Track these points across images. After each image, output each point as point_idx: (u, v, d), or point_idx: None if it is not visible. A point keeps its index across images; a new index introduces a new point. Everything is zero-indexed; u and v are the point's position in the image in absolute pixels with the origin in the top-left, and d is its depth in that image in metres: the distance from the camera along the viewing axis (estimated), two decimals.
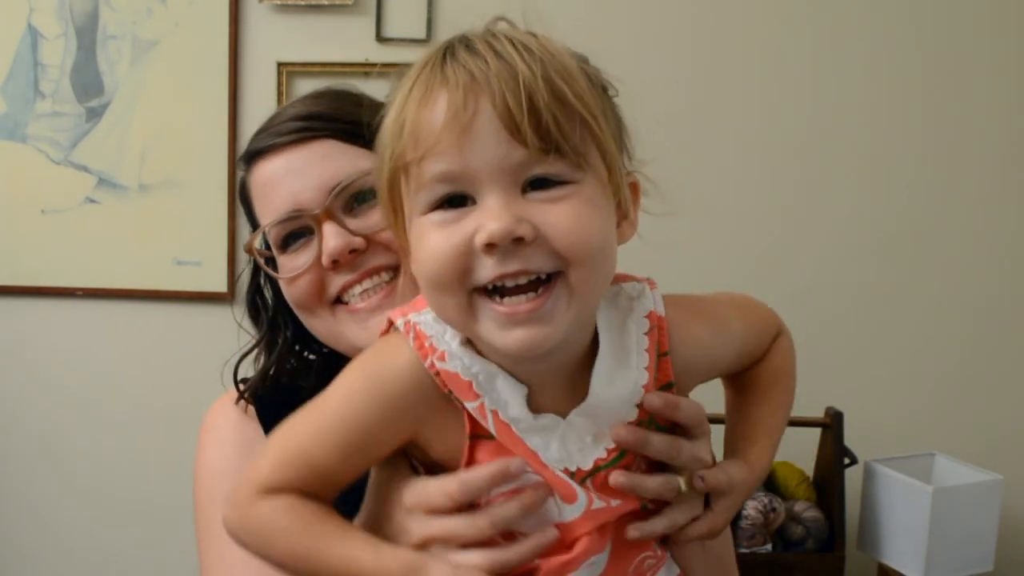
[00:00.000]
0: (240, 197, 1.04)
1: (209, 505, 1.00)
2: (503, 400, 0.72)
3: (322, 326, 0.99)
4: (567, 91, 0.67)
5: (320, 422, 0.75)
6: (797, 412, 2.17)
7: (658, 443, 0.76)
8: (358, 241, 0.94)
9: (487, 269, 0.67)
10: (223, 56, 2.23)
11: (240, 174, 1.03)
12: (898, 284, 2.23)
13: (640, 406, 0.75)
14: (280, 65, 2.21)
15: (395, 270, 0.95)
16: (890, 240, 2.22)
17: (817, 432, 2.04)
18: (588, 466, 0.74)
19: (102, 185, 2.28)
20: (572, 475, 0.73)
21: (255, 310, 1.09)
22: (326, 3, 2.19)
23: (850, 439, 1.99)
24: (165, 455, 2.33)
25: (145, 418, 2.34)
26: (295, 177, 0.95)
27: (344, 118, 0.96)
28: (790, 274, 2.23)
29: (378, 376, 0.74)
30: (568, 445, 0.74)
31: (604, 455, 0.74)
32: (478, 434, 0.74)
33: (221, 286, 2.28)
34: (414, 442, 0.76)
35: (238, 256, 2.29)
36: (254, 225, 1.02)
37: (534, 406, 0.73)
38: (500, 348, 0.69)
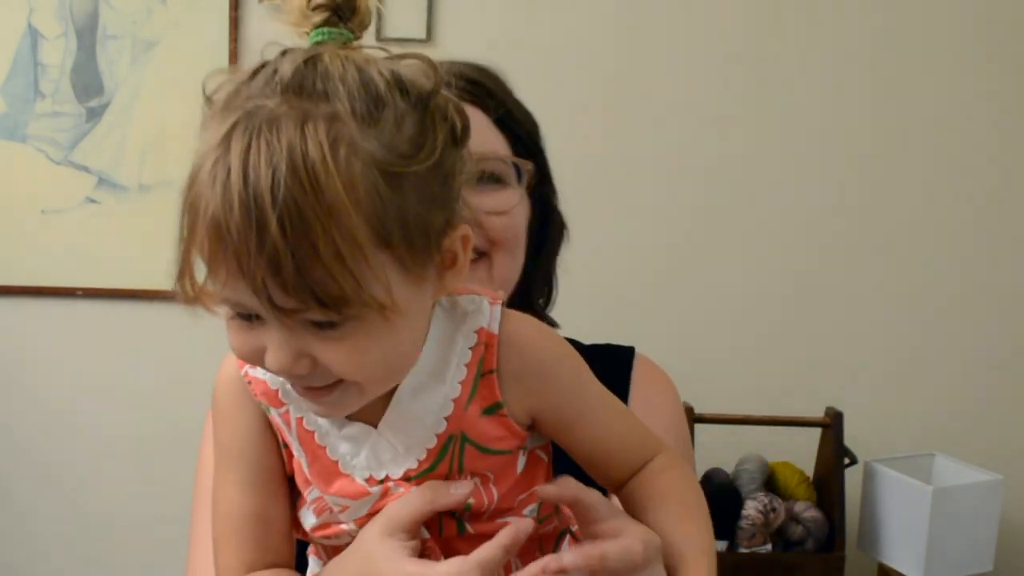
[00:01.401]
0: None
1: (207, 466, 1.00)
2: (308, 408, 0.73)
3: None
4: (321, 249, 0.60)
5: (219, 470, 0.79)
6: (797, 412, 2.19)
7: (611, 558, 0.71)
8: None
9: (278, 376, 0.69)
10: (223, 56, 2.23)
11: None
12: (898, 284, 2.23)
13: (449, 419, 0.73)
14: None
15: (480, 256, 0.95)
16: (891, 240, 2.22)
17: (817, 432, 2.04)
18: (398, 475, 0.74)
19: (102, 185, 2.28)
20: (380, 482, 0.74)
21: None
22: None
23: (850, 439, 1.99)
24: (165, 455, 2.33)
25: (145, 418, 2.34)
26: None
27: (499, 98, 0.97)
28: (790, 274, 2.23)
29: (217, 396, 0.79)
30: (380, 455, 0.73)
31: (415, 465, 0.74)
32: (288, 444, 0.76)
33: None
34: None
35: None
36: None
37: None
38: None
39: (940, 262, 2.22)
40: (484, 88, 0.97)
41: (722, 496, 1.95)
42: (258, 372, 0.75)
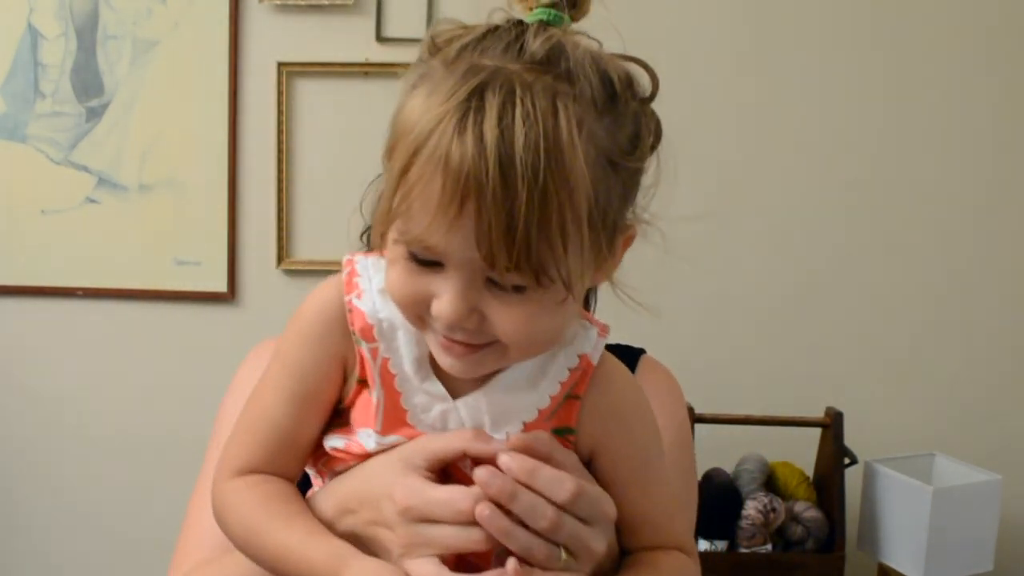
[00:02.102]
0: None
1: (223, 419, 1.02)
2: (399, 352, 0.74)
3: None
4: (553, 220, 0.63)
5: (272, 375, 0.78)
6: (797, 412, 2.19)
7: (542, 483, 0.70)
8: None
9: (437, 324, 0.69)
10: (223, 56, 2.23)
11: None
12: (899, 284, 2.23)
13: (527, 425, 0.74)
14: (280, 65, 2.21)
15: None
16: (891, 240, 2.22)
17: (817, 432, 2.04)
18: None
19: (102, 185, 2.28)
20: None
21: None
22: (326, 3, 2.19)
23: (850, 439, 1.99)
24: (165, 454, 2.33)
25: (145, 417, 2.34)
26: None
27: None
28: (791, 274, 2.23)
29: (306, 312, 0.78)
30: (448, 423, 0.74)
31: None
32: (366, 380, 0.76)
33: (221, 286, 2.28)
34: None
35: (238, 256, 2.29)
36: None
37: (429, 371, 0.75)
38: (436, 359, 0.73)
39: (940, 262, 2.22)
40: None
41: (722, 496, 1.95)
42: (362, 303, 0.75)
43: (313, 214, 2.25)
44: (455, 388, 0.75)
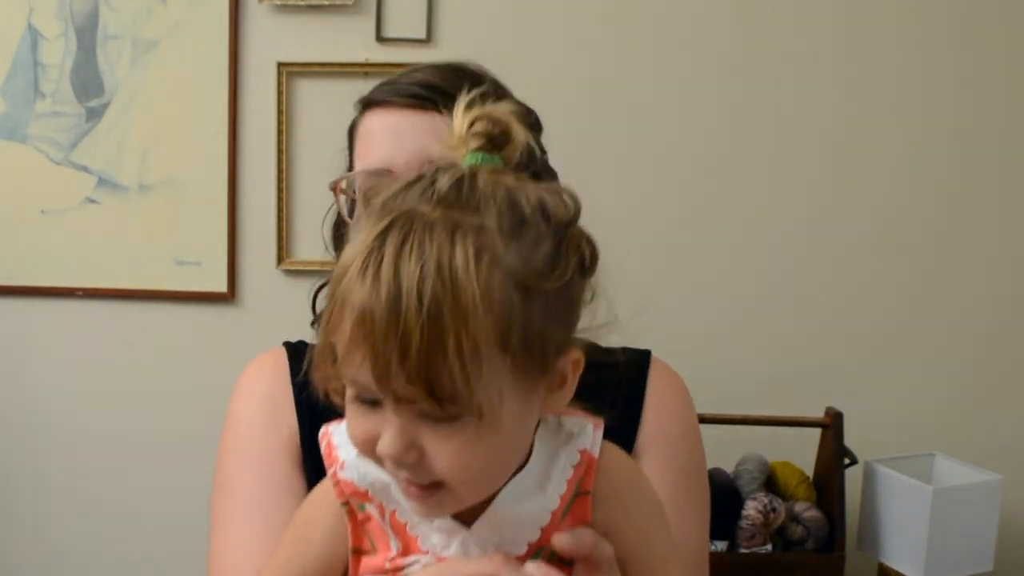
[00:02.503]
0: (348, 133, 1.08)
1: (227, 457, 1.05)
2: (399, 502, 0.75)
3: None
4: (450, 349, 0.64)
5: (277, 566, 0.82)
6: (797, 412, 2.19)
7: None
8: None
9: (386, 465, 0.71)
10: (223, 56, 2.23)
11: (355, 114, 1.06)
12: (899, 284, 2.23)
13: (544, 530, 0.75)
14: (280, 65, 2.21)
15: None
16: (891, 239, 2.22)
17: (817, 432, 2.04)
18: None
19: (102, 185, 2.28)
20: None
21: (339, 241, 1.15)
22: (326, 3, 2.19)
23: (850, 439, 1.99)
24: (166, 454, 2.33)
25: (145, 417, 2.34)
26: (397, 139, 0.98)
27: None
28: (790, 273, 2.23)
29: (301, 514, 0.83)
30: (468, 551, 0.75)
31: None
32: (360, 549, 0.78)
33: (221, 286, 2.28)
34: None
35: (238, 256, 2.29)
36: (349, 166, 1.06)
37: None
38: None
39: (941, 262, 2.22)
40: (446, 93, 0.97)
41: (722, 496, 1.95)
42: (347, 472, 0.77)
43: (313, 214, 2.23)
44: (465, 514, 0.75)
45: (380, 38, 2.21)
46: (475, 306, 0.65)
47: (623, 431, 1.05)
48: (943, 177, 2.21)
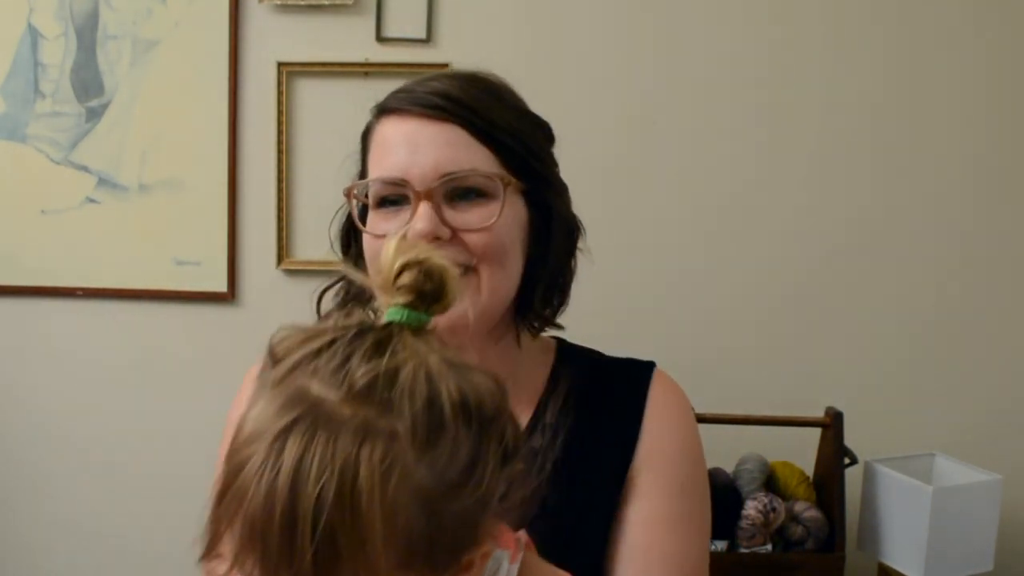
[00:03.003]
0: (361, 138, 1.07)
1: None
2: None
3: None
4: (345, 571, 0.61)
5: None
6: (797, 412, 2.18)
7: None
8: (444, 231, 0.95)
9: None
10: (223, 56, 2.23)
11: (369, 119, 1.05)
12: (899, 284, 2.23)
13: None
14: (280, 65, 2.21)
15: (466, 269, 0.97)
16: (891, 240, 2.22)
17: (817, 432, 2.04)
18: None
19: (102, 185, 2.28)
20: None
21: (347, 242, 1.10)
22: (326, 3, 2.19)
23: (850, 439, 1.99)
24: (165, 454, 2.33)
25: (145, 418, 2.34)
26: (415, 149, 0.97)
27: (481, 113, 0.98)
28: (791, 274, 2.23)
29: None
30: None
31: None
32: None
33: (221, 286, 2.28)
34: None
35: (238, 256, 2.29)
36: (362, 171, 1.05)
37: None
38: None
39: (940, 262, 2.22)
40: (462, 104, 0.97)
41: (722, 496, 1.95)
42: None
43: (313, 214, 2.25)
44: None
45: (380, 38, 2.21)
46: (374, 535, 0.60)
47: (621, 447, 1.04)
48: (944, 177, 2.21)
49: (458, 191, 0.96)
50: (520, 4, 2.20)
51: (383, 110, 1.02)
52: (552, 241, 1.02)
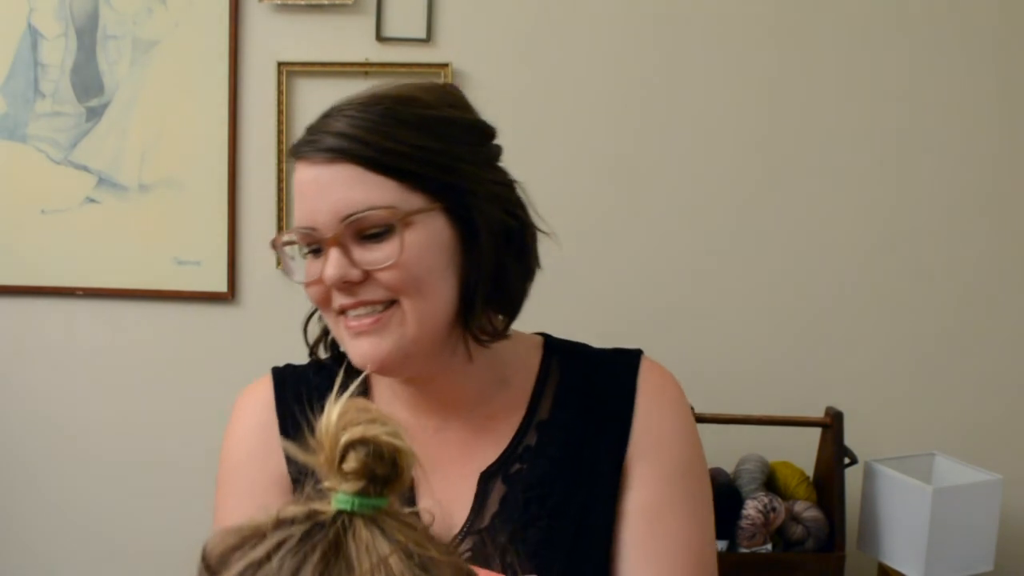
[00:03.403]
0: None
1: (219, 491, 1.10)
2: None
3: (331, 325, 1.05)
4: None
5: None
6: (797, 412, 2.18)
7: None
8: (354, 273, 0.96)
9: None
10: (223, 56, 2.23)
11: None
12: (899, 284, 2.23)
13: None
14: (280, 65, 2.21)
15: (390, 303, 0.98)
16: (891, 239, 2.22)
17: (817, 432, 2.04)
18: None
19: (102, 185, 2.28)
20: None
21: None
22: (326, 3, 2.19)
23: (850, 439, 1.99)
24: (165, 454, 2.33)
25: (145, 418, 2.34)
26: (318, 194, 0.97)
27: (374, 143, 0.96)
28: (791, 274, 2.23)
29: None
30: None
31: None
32: None
33: (221, 286, 2.28)
34: None
35: (238, 256, 2.29)
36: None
37: None
38: None
39: (940, 262, 2.22)
40: (356, 139, 0.96)
41: (722, 496, 1.95)
42: None
43: None
44: None
45: (380, 38, 2.21)
46: None
47: (615, 437, 1.05)
48: (944, 177, 2.21)
49: (362, 230, 0.96)
50: (520, 4, 2.20)
51: (293, 155, 1.02)
52: (483, 251, 0.99)
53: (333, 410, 0.59)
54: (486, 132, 1.04)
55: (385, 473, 0.58)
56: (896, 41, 2.18)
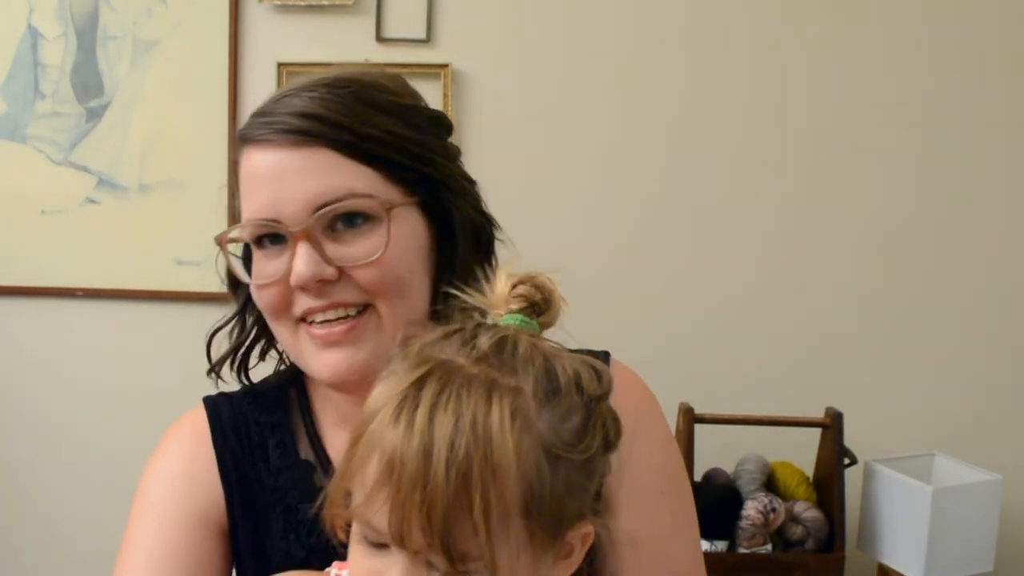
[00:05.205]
0: (233, 172, 0.96)
1: (133, 521, 1.08)
2: None
3: (285, 335, 0.95)
4: (476, 507, 0.64)
5: None
6: (797, 412, 2.18)
7: None
8: (330, 272, 0.85)
9: None
10: (223, 56, 2.23)
11: (237, 147, 0.93)
12: (899, 284, 2.23)
13: None
14: (280, 65, 2.21)
15: (364, 307, 0.88)
16: (891, 239, 2.22)
17: (817, 432, 2.04)
18: None
19: (102, 185, 2.28)
20: None
21: (234, 283, 1.06)
22: (326, 3, 2.19)
23: (850, 439, 1.99)
24: None
25: (145, 418, 2.34)
26: (282, 183, 0.86)
27: (349, 126, 0.86)
28: (791, 273, 2.23)
29: None
30: None
31: None
32: None
33: (221, 286, 2.28)
34: None
35: None
36: (237, 208, 0.95)
37: None
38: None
39: (941, 262, 2.22)
40: (329, 121, 0.86)
41: (722, 496, 1.95)
42: None
43: None
44: None
45: (380, 38, 2.21)
46: (507, 468, 0.64)
47: None
48: (944, 177, 2.21)
49: (340, 219, 0.86)
50: (520, 5, 2.20)
51: (244, 139, 0.90)
52: (458, 250, 0.90)
53: (502, 269, 0.76)
54: (448, 126, 0.95)
55: (543, 300, 0.74)
56: (896, 42, 2.18)
